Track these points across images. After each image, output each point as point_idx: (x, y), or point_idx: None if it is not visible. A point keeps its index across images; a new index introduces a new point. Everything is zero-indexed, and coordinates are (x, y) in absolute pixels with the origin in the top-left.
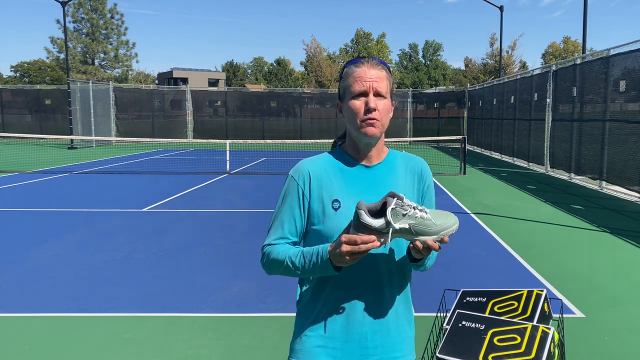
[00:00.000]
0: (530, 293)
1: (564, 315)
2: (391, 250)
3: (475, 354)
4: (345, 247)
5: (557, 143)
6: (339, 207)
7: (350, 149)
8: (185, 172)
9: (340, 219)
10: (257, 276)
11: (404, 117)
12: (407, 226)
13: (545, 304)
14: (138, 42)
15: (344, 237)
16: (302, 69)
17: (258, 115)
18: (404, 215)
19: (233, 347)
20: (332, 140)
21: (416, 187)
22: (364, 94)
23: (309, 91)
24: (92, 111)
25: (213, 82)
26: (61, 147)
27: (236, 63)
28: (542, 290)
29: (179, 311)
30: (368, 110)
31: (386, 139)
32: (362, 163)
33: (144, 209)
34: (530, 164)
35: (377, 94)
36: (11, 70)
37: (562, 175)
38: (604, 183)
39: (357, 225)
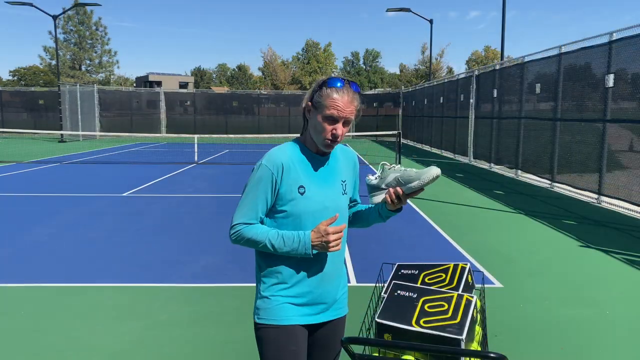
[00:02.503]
0: (456, 266)
1: (485, 286)
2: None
3: (409, 319)
4: (332, 237)
5: (479, 137)
6: (304, 192)
7: (310, 145)
8: (159, 162)
9: (306, 202)
10: (221, 252)
11: None
12: (396, 177)
13: (469, 276)
14: (119, 50)
15: (331, 229)
16: (260, 73)
17: (222, 114)
18: (389, 169)
19: (200, 313)
20: (285, 135)
21: (351, 174)
22: (335, 120)
23: (265, 93)
24: (79, 110)
25: (183, 85)
26: (52, 140)
27: (203, 68)
28: (466, 264)
29: (154, 282)
30: (334, 135)
31: None
32: (319, 156)
33: (124, 194)
34: (456, 155)
35: (345, 122)
36: (9, 75)
37: (484, 165)
38: (519, 172)
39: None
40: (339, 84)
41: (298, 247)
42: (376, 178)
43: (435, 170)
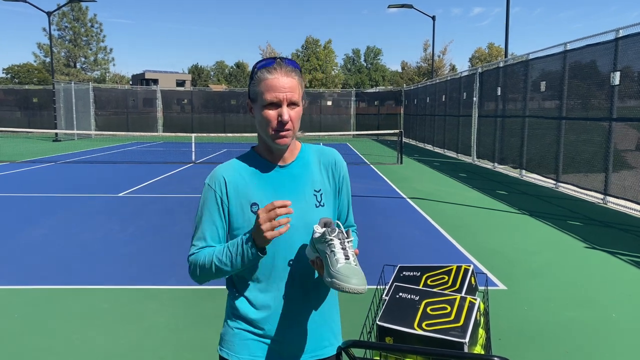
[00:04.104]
0: (459, 268)
1: (489, 288)
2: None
3: (411, 322)
4: (262, 216)
5: (483, 136)
6: (258, 209)
7: (264, 151)
8: (156, 162)
9: None
10: None
11: (348, 114)
12: (323, 249)
13: (472, 278)
14: (115, 47)
15: (278, 202)
16: None
17: (220, 112)
18: (325, 241)
19: (197, 316)
20: None
21: (331, 180)
22: (277, 104)
23: None
24: (74, 108)
25: (180, 83)
26: (47, 139)
27: (201, 66)
28: (469, 266)
29: (150, 284)
30: (281, 122)
31: (332, 133)
32: (277, 164)
33: (120, 194)
34: (459, 154)
35: (290, 103)
36: (3, 72)
37: (487, 164)
38: (523, 171)
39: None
40: (269, 64)
41: (242, 246)
42: (319, 233)
43: (354, 286)
